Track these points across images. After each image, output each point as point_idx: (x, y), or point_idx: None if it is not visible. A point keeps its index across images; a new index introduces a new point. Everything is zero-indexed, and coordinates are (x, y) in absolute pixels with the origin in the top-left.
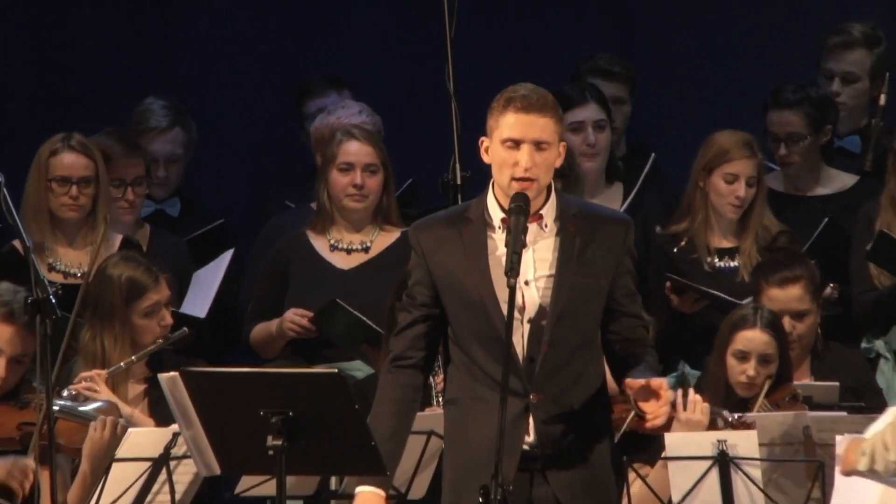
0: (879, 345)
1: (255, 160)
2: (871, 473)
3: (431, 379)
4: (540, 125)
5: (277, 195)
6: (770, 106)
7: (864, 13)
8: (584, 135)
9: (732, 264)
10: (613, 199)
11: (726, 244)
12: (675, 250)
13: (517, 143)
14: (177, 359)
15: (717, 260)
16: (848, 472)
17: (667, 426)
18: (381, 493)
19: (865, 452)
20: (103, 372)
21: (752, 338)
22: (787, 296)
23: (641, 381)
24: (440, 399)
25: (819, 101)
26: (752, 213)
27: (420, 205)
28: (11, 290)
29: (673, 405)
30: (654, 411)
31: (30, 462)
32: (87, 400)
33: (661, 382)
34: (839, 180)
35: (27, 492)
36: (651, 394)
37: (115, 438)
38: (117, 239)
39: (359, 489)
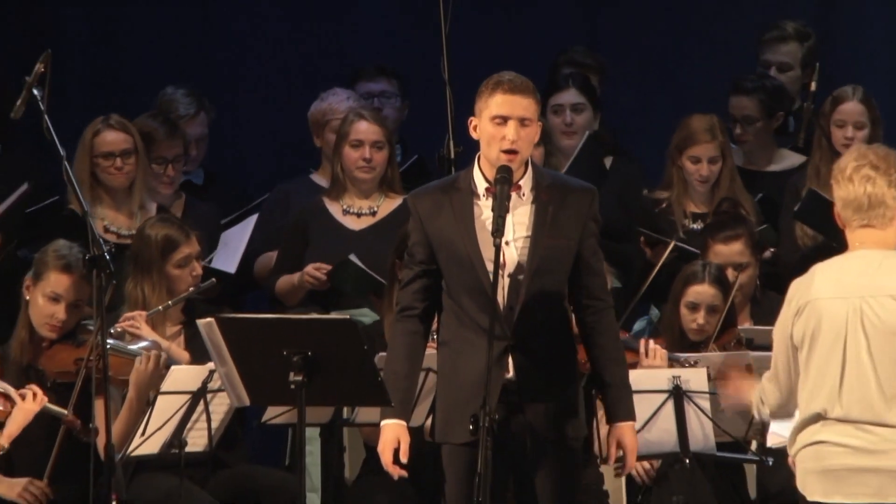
0: None
1: (273, 137)
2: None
3: None
4: (524, 105)
5: (295, 167)
6: (731, 92)
7: (796, 11)
8: (563, 116)
9: (701, 225)
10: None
11: (699, 210)
12: (657, 211)
13: (505, 119)
14: (206, 306)
15: (691, 223)
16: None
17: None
18: (403, 423)
19: (753, 402)
20: (144, 312)
21: (701, 291)
22: (730, 251)
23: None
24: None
25: (773, 91)
26: (719, 186)
27: (428, 176)
28: (67, 246)
29: (638, 353)
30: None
31: (44, 485)
32: (133, 339)
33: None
34: (789, 160)
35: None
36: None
37: (158, 370)
38: (153, 206)
39: (384, 422)
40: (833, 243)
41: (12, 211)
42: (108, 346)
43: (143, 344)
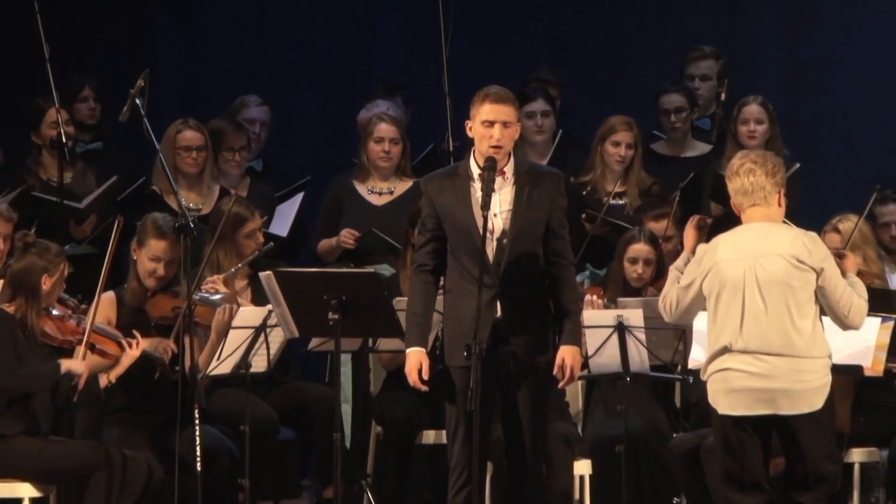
0: None
1: (314, 131)
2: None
3: None
4: (506, 111)
5: (331, 156)
6: (661, 93)
7: (709, 38)
8: (535, 120)
9: (621, 202)
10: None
11: (617, 189)
12: (584, 193)
13: (492, 123)
14: (266, 262)
15: (611, 199)
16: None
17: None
18: (423, 350)
19: (660, 305)
20: (220, 276)
21: (640, 248)
22: (658, 226)
23: (560, 356)
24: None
25: (690, 92)
26: (632, 169)
27: (438, 163)
28: (161, 217)
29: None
30: (564, 381)
31: (170, 342)
32: (215, 293)
33: (562, 355)
34: (699, 148)
35: (168, 358)
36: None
37: (231, 319)
38: (217, 187)
39: (408, 350)
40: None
41: (104, 197)
42: (197, 298)
43: (220, 296)
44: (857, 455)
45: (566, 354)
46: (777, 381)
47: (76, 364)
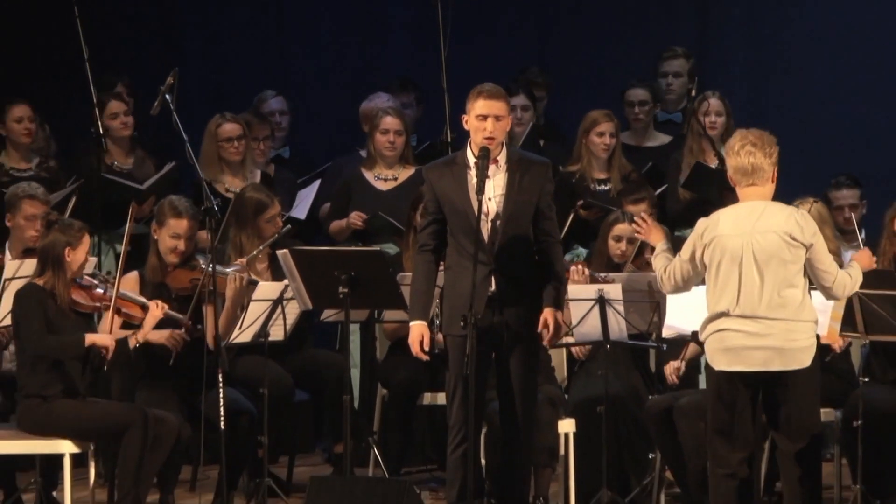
0: (688, 231)
1: (331, 123)
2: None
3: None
4: (498, 106)
5: (349, 146)
6: (627, 88)
7: (683, 39)
8: (515, 113)
9: (606, 188)
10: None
11: (602, 176)
12: (573, 180)
13: (485, 117)
14: (284, 241)
15: (597, 185)
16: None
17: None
18: (425, 322)
19: (658, 275)
20: (244, 258)
21: (623, 228)
22: (637, 209)
23: (544, 316)
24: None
25: (654, 87)
26: (614, 157)
27: (436, 154)
28: (177, 199)
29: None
30: (547, 339)
31: (183, 333)
32: (229, 264)
33: (545, 316)
34: (660, 139)
35: (179, 350)
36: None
37: (244, 287)
38: (258, 173)
39: (412, 323)
40: (709, 200)
41: (163, 181)
42: (212, 269)
43: (233, 268)
44: None
45: (549, 315)
46: (770, 339)
47: (101, 338)
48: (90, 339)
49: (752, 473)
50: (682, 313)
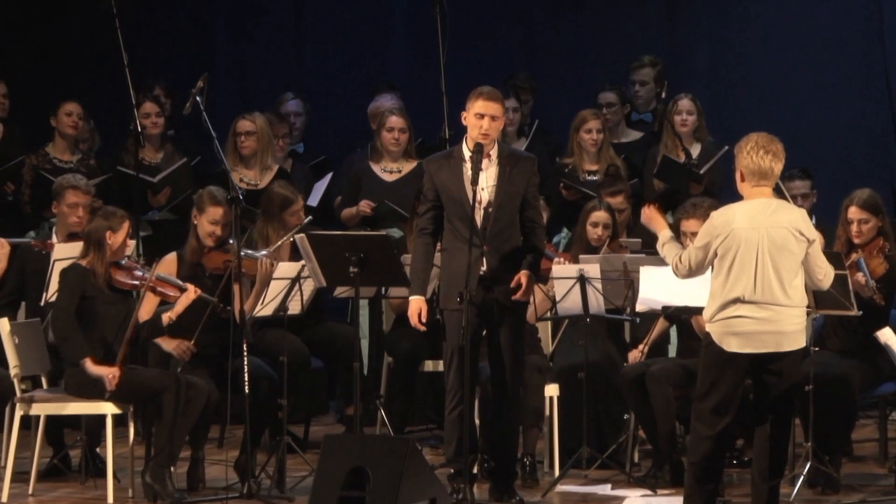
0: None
1: (342, 122)
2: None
3: None
4: (494, 107)
5: (357, 143)
6: (599, 91)
7: (654, 47)
8: (507, 114)
9: (595, 178)
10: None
11: (592, 168)
12: (566, 171)
13: (482, 116)
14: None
15: (587, 176)
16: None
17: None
18: (423, 298)
19: (672, 262)
20: (272, 248)
21: (599, 215)
22: (615, 201)
23: (517, 278)
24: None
25: (622, 92)
26: (602, 150)
27: (435, 149)
28: (216, 189)
29: (552, 260)
30: (518, 294)
31: (190, 344)
32: (258, 249)
33: (519, 278)
34: (632, 135)
35: (186, 360)
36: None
37: (272, 271)
38: (276, 167)
39: (411, 297)
40: (679, 191)
41: (175, 174)
42: (243, 254)
43: (263, 253)
44: None
45: (522, 276)
46: (781, 324)
47: (101, 370)
48: (91, 368)
49: (730, 433)
50: (654, 290)
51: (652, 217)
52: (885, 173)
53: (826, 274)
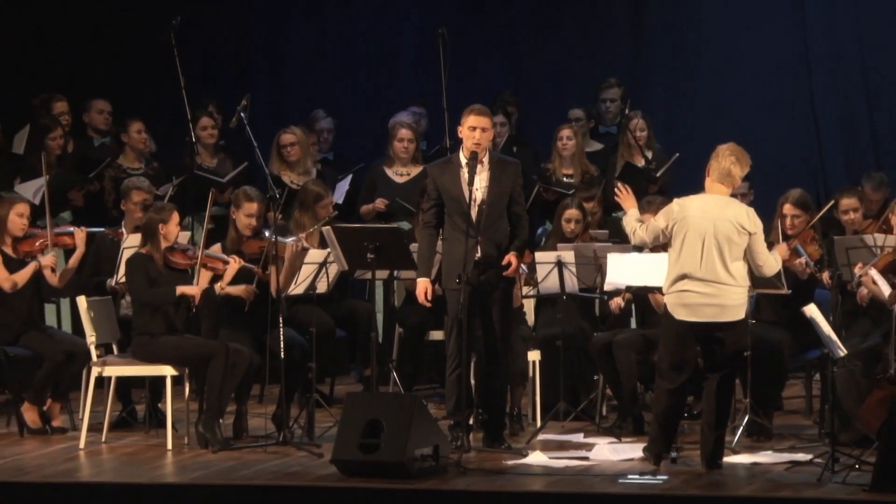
0: (621, 214)
1: (363, 132)
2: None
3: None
4: (484, 122)
5: (374, 150)
6: (570, 108)
7: (619, 69)
8: (495, 128)
9: (570, 180)
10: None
11: (568, 172)
12: (548, 174)
13: (475, 128)
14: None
15: (564, 178)
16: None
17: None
18: (428, 280)
19: (630, 229)
20: (304, 234)
21: (571, 212)
22: (588, 205)
23: (507, 258)
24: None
25: (588, 109)
26: (576, 156)
27: (441, 156)
28: (251, 188)
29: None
30: (509, 271)
31: (254, 288)
32: (287, 236)
33: (508, 258)
34: (595, 146)
35: (251, 300)
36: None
37: (298, 251)
38: (314, 170)
39: (418, 279)
40: (638, 191)
41: (239, 176)
42: (275, 240)
43: (292, 239)
44: None
45: (511, 256)
46: (719, 299)
47: (189, 288)
48: (181, 289)
49: (685, 390)
50: (619, 273)
51: (625, 197)
52: (809, 178)
53: (765, 263)
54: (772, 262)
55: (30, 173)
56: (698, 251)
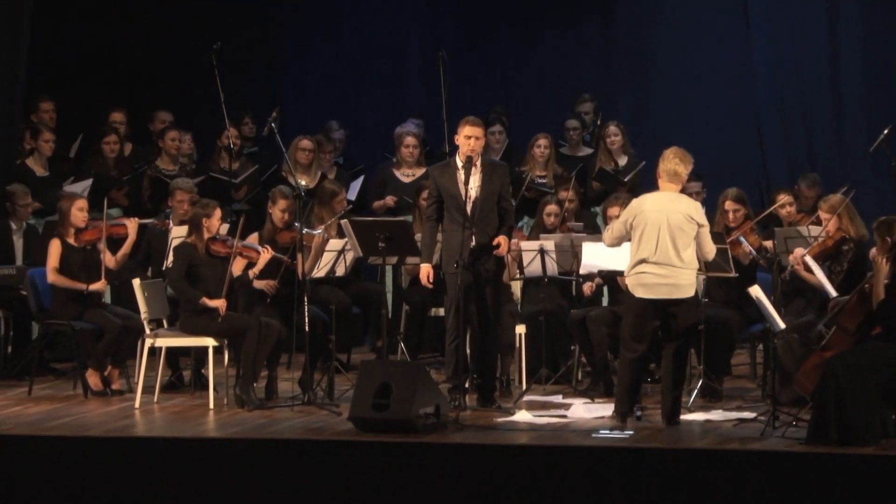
0: (600, 209)
1: (372, 139)
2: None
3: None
4: (477, 131)
5: (381, 154)
6: (566, 119)
7: (592, 86)
8: (495, 136)
9: (544, 181)
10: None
11: (542, 174)
12: (524, 176)
13: (469, 137)
14: (345, 214)
15: (539, 179)
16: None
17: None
18: (430, 265)
19: (605, 233)
20: (324, 225)
21: (551, 207)
22: (565, 193)
23: (497, 240)
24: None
25: (582, 119)
26: (549, 161)
27: (441, 159)
28: (283, 187)
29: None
30: (499, 250)
31: (274, 283)
32: (314, 228)
33: (499, 240)
34: (586, 150)
35: (272, 294)
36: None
37: (323, 242)
38: (319, 173)
39: (422, 264)
40: (609, 190)
41: (249, 178)
42: (304, 231)
43: (318, 231)
44: None
45: (501, 238)
46: (672, 279)
47: (212, 302)
48: (205, 301)
49: (646, 358)
50: (592, 259)
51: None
52: (753, 179)
53: (710, 251)
54: (714, 249)
55: (82, 175)
56: (654, 239)
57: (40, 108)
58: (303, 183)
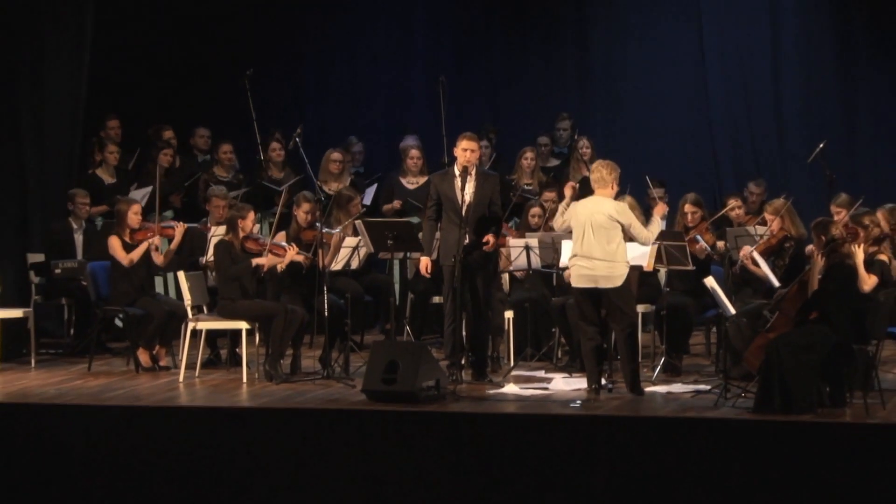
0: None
1: (384, 152)
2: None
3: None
4: (473, 145)
5: (389, 165)
6: (538, 136)
7: (569, 104)
8: (485, 150)
9: (530, 188)
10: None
11: (528, 181)
12: (513, 184)
13: (466, 150)
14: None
15: (526, 186)
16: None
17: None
18: (429, 258)
19: (556, 225)
20: (341, 226)
21: (536, 210)
22: (549, 195)
23: (486, 238)
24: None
25: (553, 135)
26: (535, 171)
27: (441, 168)
28: (307, 192)
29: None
30: (488, 247)
31: (309, 254)
32: (333, 228)
33: (488, 237)
34: (553, 162)
35: (309, 260)
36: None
37: (341, 240)
38: (349, 180)
39: (422, 257)
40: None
41: (291, 186)
42: (325, 230)
43: (337, 230)
44: (640, 308)
45: (491, 237)
46: (597, 270)
47: (259, 259)
48: (254, 261)
49: (603, 342)
50: (570, 254)
51: (567, 191)
52: (708, 185)
53: (645, 239)
54: (645, 234)
55: (143, 182)
56: (581, 236)
57: (107, 126)
58: (329, 190)
